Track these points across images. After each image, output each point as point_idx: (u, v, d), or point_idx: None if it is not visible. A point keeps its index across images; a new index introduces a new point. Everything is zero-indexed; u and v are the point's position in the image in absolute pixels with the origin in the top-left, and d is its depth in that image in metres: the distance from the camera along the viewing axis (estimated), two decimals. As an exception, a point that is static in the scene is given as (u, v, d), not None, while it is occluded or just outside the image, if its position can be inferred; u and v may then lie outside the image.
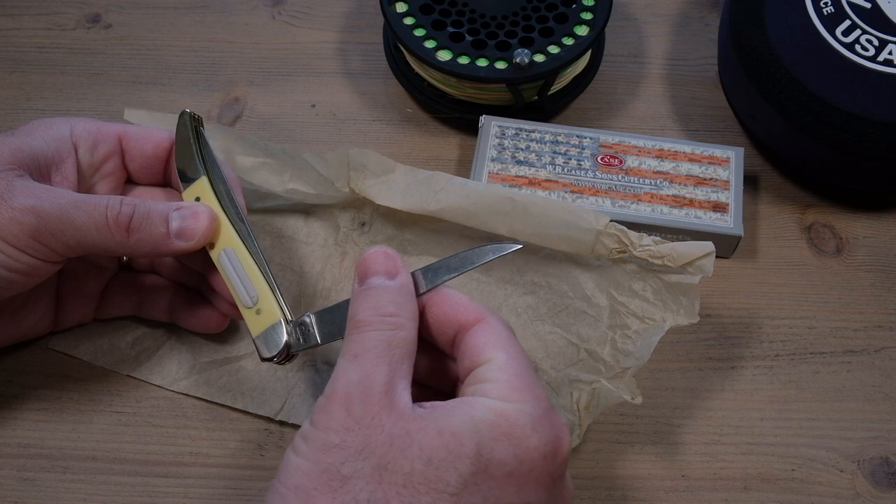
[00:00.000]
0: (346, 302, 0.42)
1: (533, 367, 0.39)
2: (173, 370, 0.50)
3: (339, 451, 0.35)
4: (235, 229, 0.45)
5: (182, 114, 0.48)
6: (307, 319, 0.43)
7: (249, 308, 0.44)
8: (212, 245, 0.45)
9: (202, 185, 0.46)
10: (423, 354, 0.40)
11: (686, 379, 0.51)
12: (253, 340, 0.44)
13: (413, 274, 0.41)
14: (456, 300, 0.40)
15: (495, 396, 0.37)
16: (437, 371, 0.43)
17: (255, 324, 0.44)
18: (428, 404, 0.37)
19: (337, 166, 0.52)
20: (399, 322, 0.38)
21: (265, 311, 0.44)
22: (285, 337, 0.43)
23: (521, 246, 0.42)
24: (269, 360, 0.43)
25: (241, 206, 0.46)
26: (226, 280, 0.45)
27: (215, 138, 0.52)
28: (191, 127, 0.47)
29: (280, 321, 0.43)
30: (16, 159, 0.43)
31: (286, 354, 0.43)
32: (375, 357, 0.37)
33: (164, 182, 0.50)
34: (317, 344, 0.43)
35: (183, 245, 0.44)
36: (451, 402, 0.37)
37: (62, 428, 0.49)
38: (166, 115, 0.53)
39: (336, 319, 0.42)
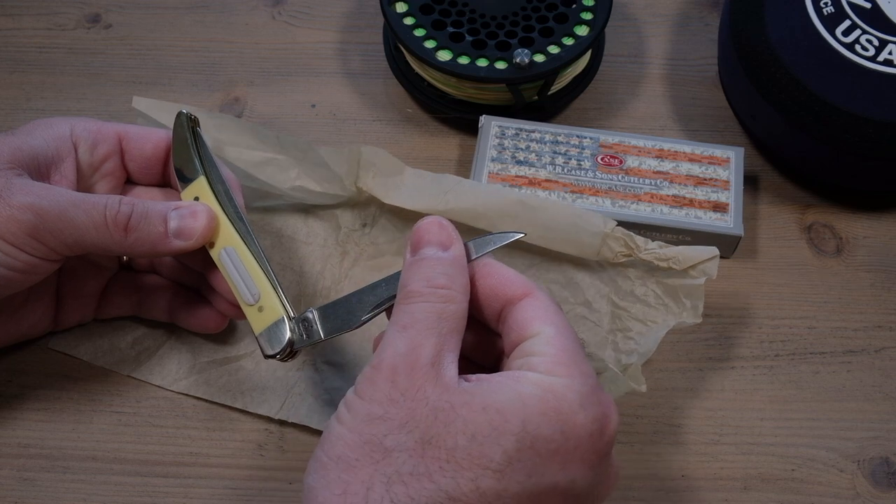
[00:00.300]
0: (349, 296, 0.42)
1: (581, 343, 0.38)
2: (173, 370, 0.50)
3: (383, 422, 0.35)
4: (235, 228, 0.45)
5: (179, 114, 0.48)
6: (310, 315, 0.43)
7: (251, 305, 0.44)
8: (212, 244, 0.45)
9: (200, 185, 0.46)
10: (467, 329, 0.39)
11: (686, 379, 0.51)
12: (256, 338, 0.44)
13: (465, 244, 0.40)
14: (504, 273, 0.39)
15: (542, 371, 0.36)
16: (480, 346, 0.42)
17: (257, 321, 0.44)
18: (474, 377, 0.37)
19: (348, 163, 0.52)
20: (450, 295, 0.38)
21: (267, 309, 0.43)
22: (288, 334, 0.43)
23: (523, 234, 0.42)
24: (272, 356, 0.43)
25: (241, 206, 0.46)
26: (227, 278, 0.45)
27: (225, 132, 0.52)
28: (188, 127, 0.47)
29: (283, 318, 0.43)
30: (15, 158, 0.43)
31: (289, 351, 0.43)
32: (424, 329, 0.36)
33: (164, 182, 0.50)
34: (320, 339, 0.43)
35: (181, 244, 0.44)
36: (497, 376, 0.36)
37: (62, 428, 0.49)
38: (173, 104, 0.53)
39: (339, 314, 0.42)
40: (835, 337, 0.52)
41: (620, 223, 0.51)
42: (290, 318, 0.43)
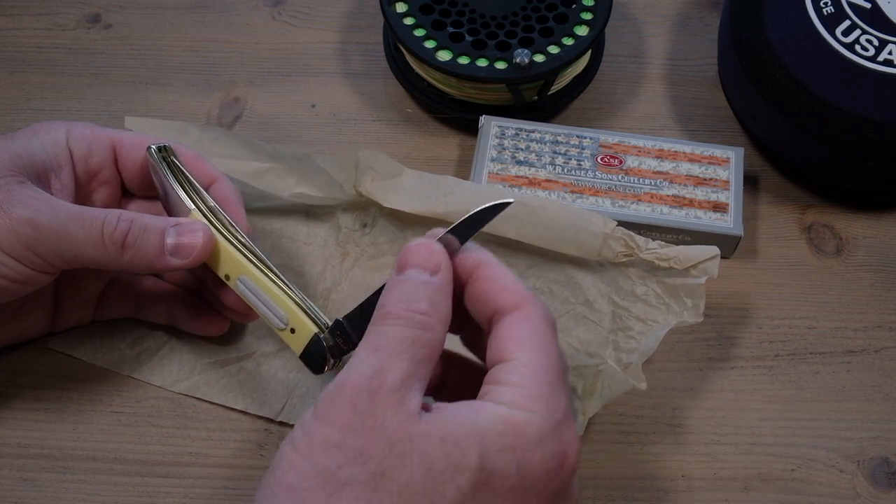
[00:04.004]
0: (370, 298, 0.41)
1: (565, 368, 0.37)
2: (174, 371, 0.50)
3: (339, 452, 0.33)
4: (243, 254, 0.44)
5: (147, 150, 0.46)
6: (341, 322, 0.42)
7: (283, 330, 0.43)
8: (227, 277, 0.45)
9: (195, 218, 0.45)
10: (466, 327, 0.38)
11: (686, 379, 0.51)
12: (300, 359, 0.43)
13: (448, 236, 0.38)
14: (499, 279, 0.37)
15: (506, 402, 0.34)
16: (479, 342, 0.40)
17: (294, 343, 0.43)
18: (434, 406, 0.35)
19: (346, 168, 0.52)
20: (430, 322, 0.36)
21: (299, 329, 0.43)
22: (325, 346, 0.42)
23: (511, 202, 0.39)
24: (321, 373, 0.42)
25: (241, 222, 0.46)
26: (253, 308, 0.44)
27: (220, 145, 0.52)
28: (160, 161, 0.46)
29: (315, 334, 0.42)
30: (15, 166, 0.43)
31: (333, 363, 0.42)
32: (397, 353, 0.35)
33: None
34: (357, 343, 0.41)
35: (178, 262, 0.44)
36: (457, 405, 0.35)
37: (62, 428, 0.49)
38: (165, 122, 0.53)
39: (366, 317, 0.39)
40: (835, 337, 0.52)
41: (620, 223, 0.51)
42: (322, 331, 0.42)
